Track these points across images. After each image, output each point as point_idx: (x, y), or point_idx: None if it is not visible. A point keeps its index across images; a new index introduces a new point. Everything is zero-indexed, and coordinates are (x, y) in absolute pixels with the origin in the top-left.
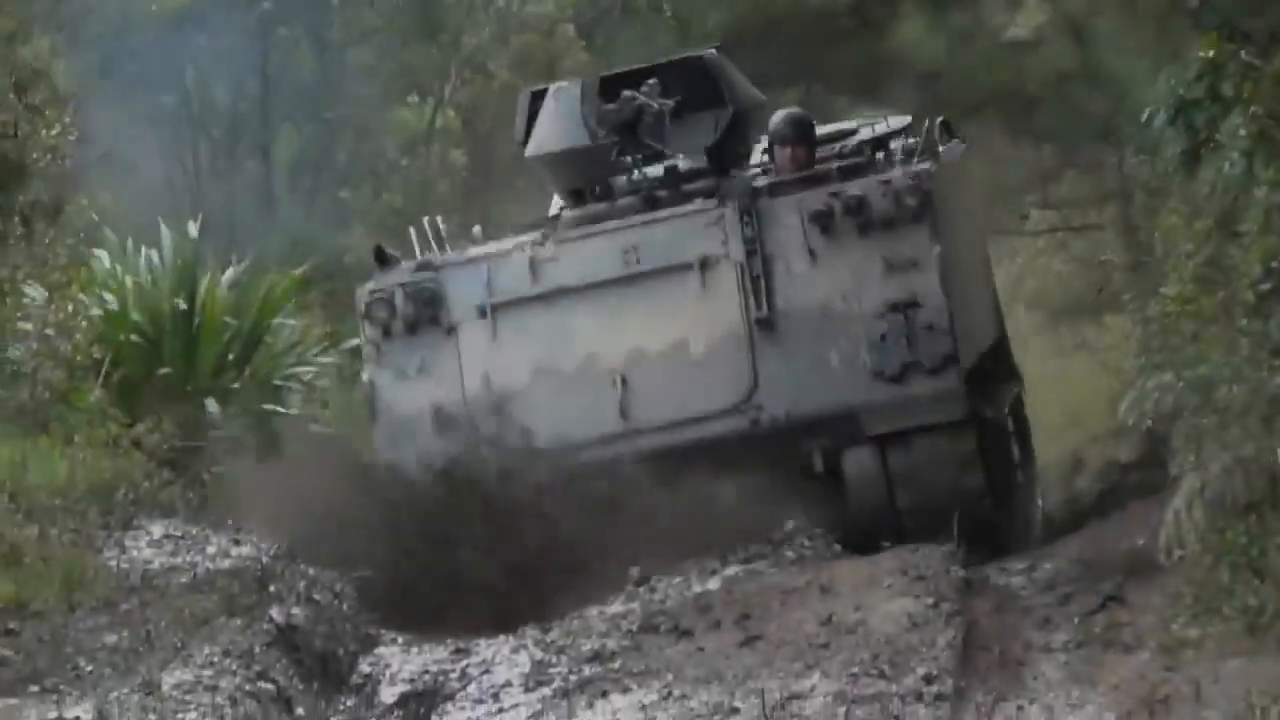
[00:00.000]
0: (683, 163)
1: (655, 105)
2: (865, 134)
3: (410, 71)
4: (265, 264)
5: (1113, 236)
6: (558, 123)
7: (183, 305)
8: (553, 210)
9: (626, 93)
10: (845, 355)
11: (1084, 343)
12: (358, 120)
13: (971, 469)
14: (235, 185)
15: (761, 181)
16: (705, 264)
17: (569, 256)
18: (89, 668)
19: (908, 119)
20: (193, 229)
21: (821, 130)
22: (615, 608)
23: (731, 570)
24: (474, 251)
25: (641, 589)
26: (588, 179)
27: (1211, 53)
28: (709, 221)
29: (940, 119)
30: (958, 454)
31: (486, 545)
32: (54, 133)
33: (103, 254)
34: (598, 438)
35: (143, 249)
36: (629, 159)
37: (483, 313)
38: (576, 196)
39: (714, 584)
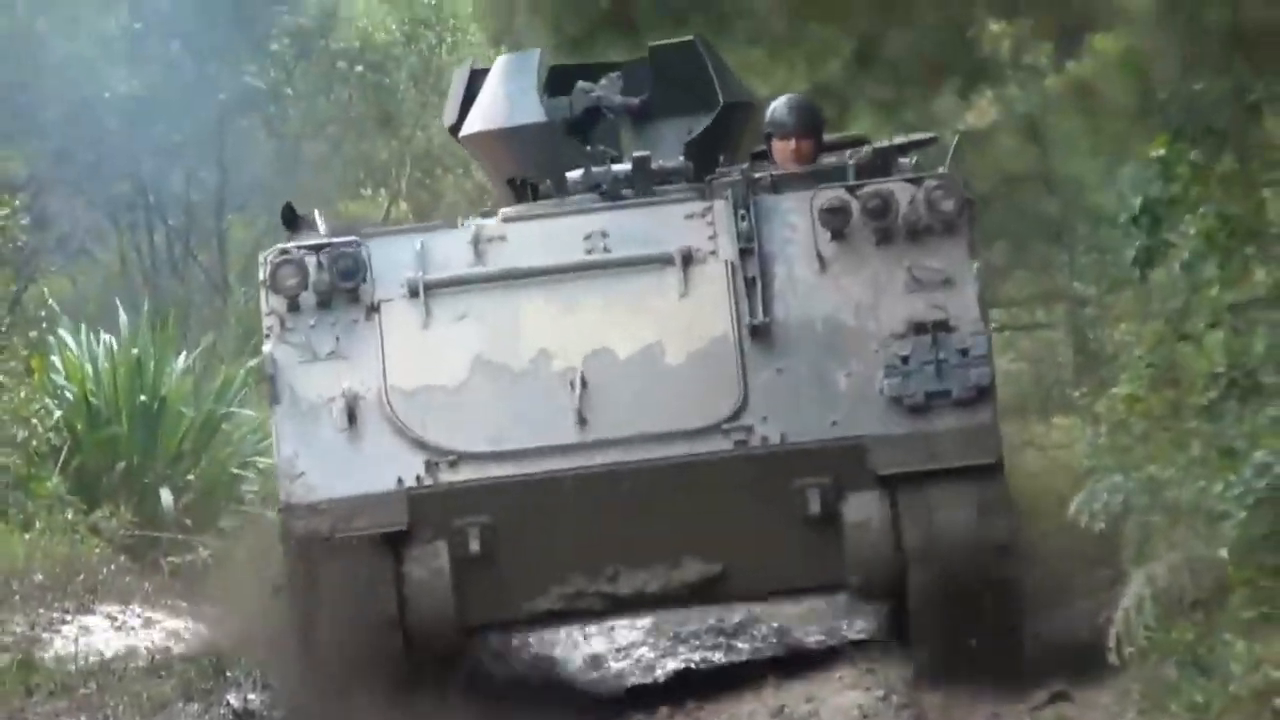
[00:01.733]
0: (656, 160)
1: (617, 101)
2: (880, 144)
3: (364, 163)
4: (220, 353)
5: (1061, 336)
6: (507, 96)
7: (142, 396)
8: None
9: (581, 84)
10: (857, 378)
11: (1032, 440)
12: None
13: (1001, 529)
14: (190, 274)
15: (761, 174)
16: (689, 259)
17: (520, 236)
18: None
19: (931, 134)
20: (143, 317)
21: (830, 138)
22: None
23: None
24: (406, 226)
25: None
26: (538, 167)
27: (1162, 152)
28: (693, 213)
29: (956, 139)
30: (986, 507)
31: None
32: (2, 214)
33: (64, 337)
34: (548, 447)
35: (101, 335)
36: (591, 148)
37: (414, 291)
38: (519, 191)
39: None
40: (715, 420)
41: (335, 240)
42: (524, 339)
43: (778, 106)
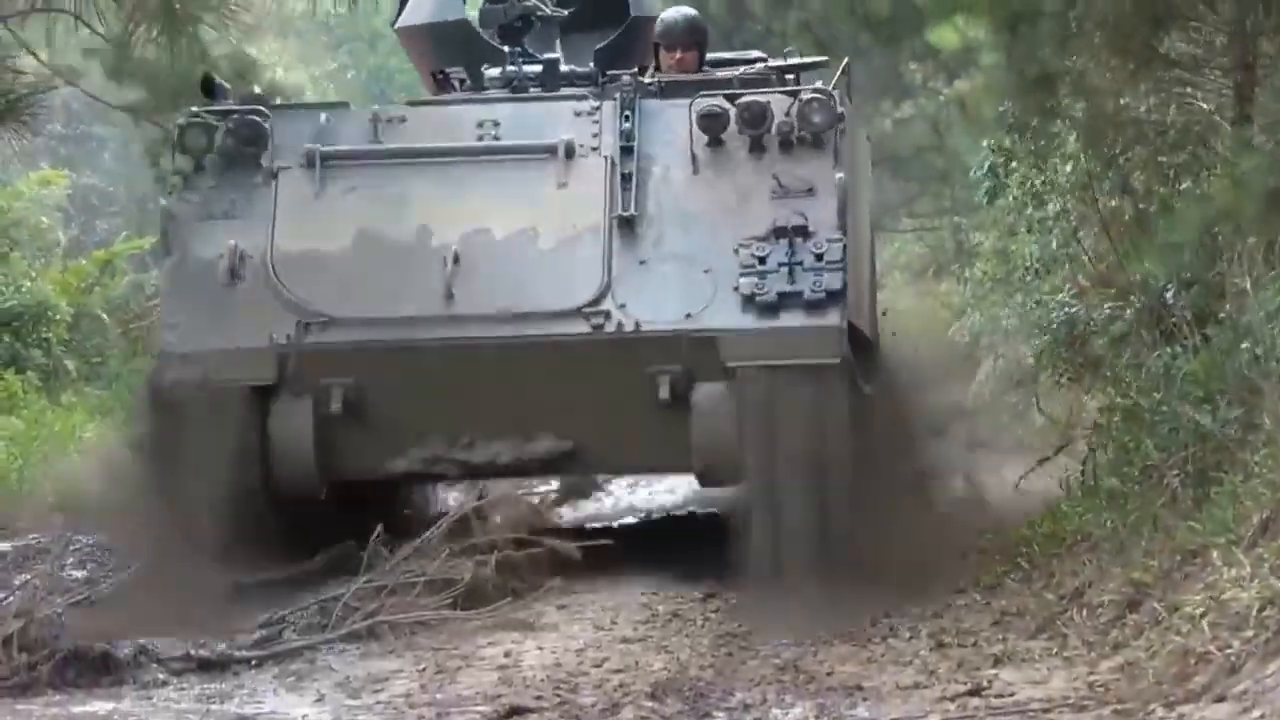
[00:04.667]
0: (565, 64)
1: (546, 10)
2: (774, 63)
3: None
4: None
5: (947, 235)
6: None
7: None
8: None
9: None
10: (714, 274)
11: (929, 293)
12: None
13: (838, 422)
14: None
15: (651, 79)
16: (570, 152)
17: (418, 120)
18: None
19: (824, 58)
20: None
21: (725, 55)
22: None
23: None
24: (314, 102)
25: None
26: (457, 60)
27: (1001, 140)
28: (582, 110)
29: (845, 63)
30: (825, 402)
31: None
32: None
33: None
34: (415, 317)
35: None
36: (506, 49)
37: (310, 162)
38: (441, 84)
39: None
40: (576, 304)
41: (241, 109)
42: (407, 215)
43: (666, 18)
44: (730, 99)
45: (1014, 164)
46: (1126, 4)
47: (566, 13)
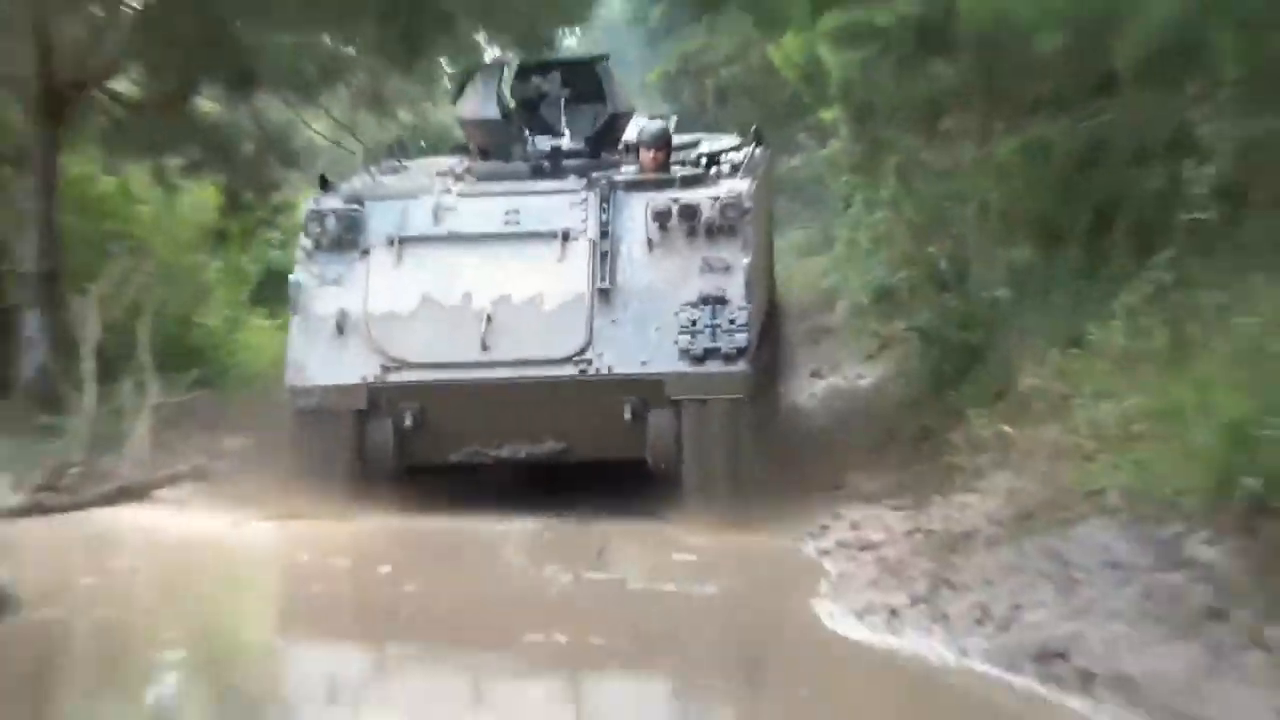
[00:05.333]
0: (566, 143)
1: (554, 94)
2: (705, 147)
3: None
4: None
5: (819, 231)
6: (479, 98)
7: None
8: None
9: (535, 78)
10: (662, 332)
11: (809, 264)
12: None
13: (744, 435)
14: None
15: (620, 177)
16: (566, 235)
17: (466, 208)
18: None
19: (738, 139)
20: None
21: (685, 139)
22: None
23: None
24: (394, 187)
25: None
26: (494, 143)
27: (851, 178)
28: (575, 201)
29: (755, 128)
30: (736, 424)
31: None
32: None
33: None
34: (460, 362)
35: None
36: (526, 132)
37: (392, 242)
38: (483, 154)
39: None
40: (569, 354)
41: (343, 208)
42: (456, 283)
43: (644, 128)
44: (674, 199)
45: (856, 191)
46: (921, 100)
47: (567, 92)
